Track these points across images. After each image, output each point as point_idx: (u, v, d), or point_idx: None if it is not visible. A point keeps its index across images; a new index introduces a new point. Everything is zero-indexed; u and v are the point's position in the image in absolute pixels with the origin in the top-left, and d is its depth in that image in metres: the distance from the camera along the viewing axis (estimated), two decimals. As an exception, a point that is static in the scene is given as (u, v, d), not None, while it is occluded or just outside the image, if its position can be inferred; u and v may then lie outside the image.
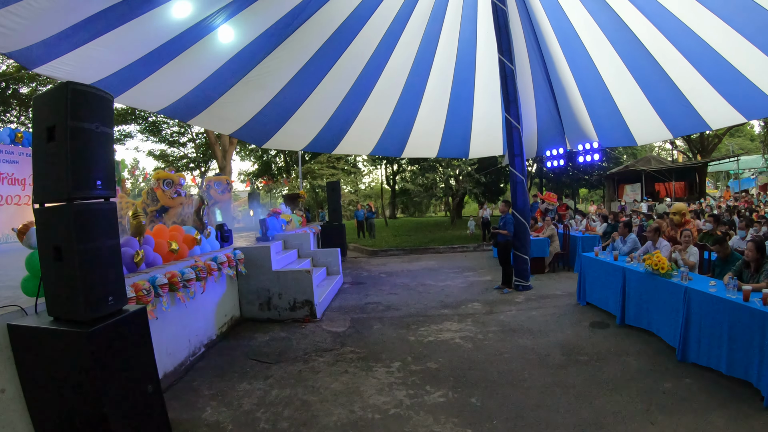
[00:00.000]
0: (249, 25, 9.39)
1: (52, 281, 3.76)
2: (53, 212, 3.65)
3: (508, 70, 10.41)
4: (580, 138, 14.21)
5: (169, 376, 6.22)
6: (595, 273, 8.35)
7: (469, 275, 12.40)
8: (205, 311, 7.70)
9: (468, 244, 19.11)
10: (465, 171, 27.62)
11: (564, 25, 10.93)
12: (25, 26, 6.65)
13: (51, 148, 3.54)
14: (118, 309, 3.93)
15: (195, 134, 39.08)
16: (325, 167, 36.39)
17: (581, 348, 6.38)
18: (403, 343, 7.09)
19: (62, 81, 4.07)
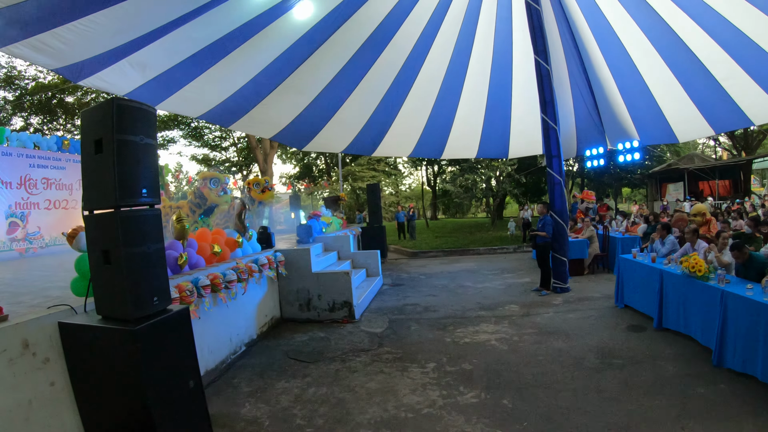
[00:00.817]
0: (286, 31, 9.60)
1: (100, 282, 4.01)
2: (102, 219, 3.89)
3: (544, 70, 10.38)
4: (620, 137, 14.02)
5: (210, 373, 6.47)
6: (633, 275, 8.28)
7: (508, 277, 12.40)
8: (246, 311, 7.93)
9: (508, 246, 19.06)
10: (505, 171, 27.41)
11: (600, 22, 10.79)
12: (72, 46, 7.02)
13: (99, 159, 3.79)
14: (162, 309, 4.14)
15: (236, 139, 39.79)
16: (366, 169, 36.61)
17: (616, 351, 6.36)
18: (440, 344, 7.18)
19: (106, 93, 4.31)
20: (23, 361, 3.88)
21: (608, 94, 12.76)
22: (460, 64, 12.67)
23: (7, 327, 3.84)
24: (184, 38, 8.37)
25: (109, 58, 7.84)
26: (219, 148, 41.65)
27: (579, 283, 10.92)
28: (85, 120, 4.00)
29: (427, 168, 45.58)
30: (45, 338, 4.09)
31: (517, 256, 16.85)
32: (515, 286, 11.14)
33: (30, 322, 4.02)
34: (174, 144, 39.61)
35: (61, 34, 6.70)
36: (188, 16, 7.88)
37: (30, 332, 3.98)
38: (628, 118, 13.21)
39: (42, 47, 6.79)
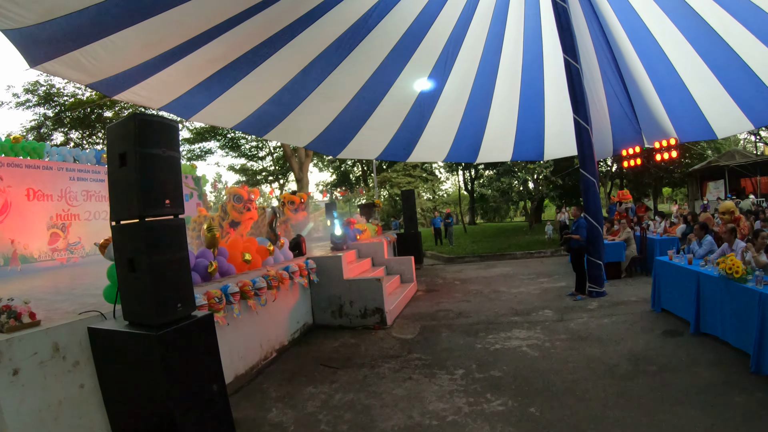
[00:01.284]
0: (316, 40, 9.68)
1: (127, 290, 4.16)
2: (127, 229, 4.04)
3: (574, 69, 10.17)
4: (657, 134, 13.67)
5: (240, 378, 6.56)
6: (669, 278, 8.05)
7: (544, 281, 12.24)
8: (278, 318, 7.99)
9: (545, 249, 18.81)
10: (542, 174, 27.07)
11: (630, 16, 10.55)
12: (103, 62, 7.24)
13: (123, 172, 3.95)
14: (186, 315, 4.24)
15: (272, 148, 40.28)
16: (402, 175, 36.60)
17: (651, 357, 6.19)
18: (470, 350, 7.12)
19: (143, 107, 4.44)
20: (54, 364, 4.07)
21: (643, 91, 12.44)
22: (491, 65, 12.56)
23: (39, 331, 4.03)
24: (215, 52, 8.53)
25: (141, 73, 8.06)
26: (256, 157, 42.24)
27: (615, 286, 10.67)
28: (110, 135, 4.16)
29: (464, 172, 45.38)
30: (75, 342, 4.28)
31: (554, 260, 16.62)
32: (550, 290, 10.97)
33: (61, 327, 4.21)
34: (211, 155, 40.31)
35: (91, 51, 6.94)
36: (217, 30, 8.03)
37: (61, 337, 4.17)
38: (665, 114, 12.86)
39: (74, 64, 7.02)
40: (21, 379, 3.81)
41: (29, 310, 4.19)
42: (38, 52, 6.64)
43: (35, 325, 4.16)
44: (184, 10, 7.11)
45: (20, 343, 3.85)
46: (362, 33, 10.22)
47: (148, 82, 8.46)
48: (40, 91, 29.09)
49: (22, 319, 4.08)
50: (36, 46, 6.47)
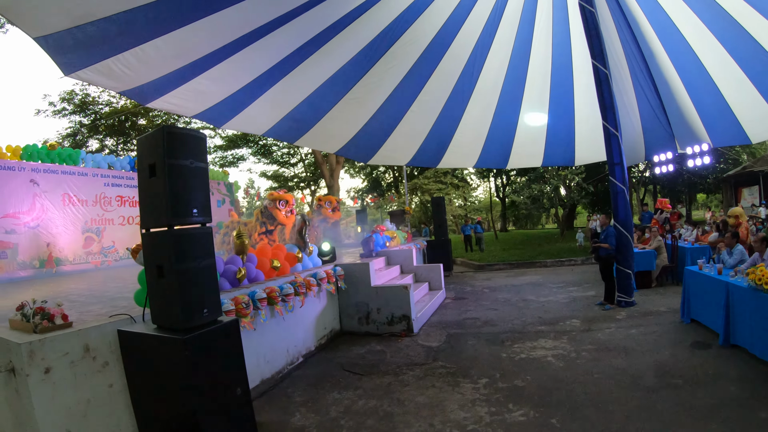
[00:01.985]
0: (344, 47, 9.81)
1: (155, 295, 4.32)
2: (156, 236, 4.21)
3: (602, 74, 10.07)
4: (690, 140, 13.39)
5: (266, 382, 6.70)
6: (698, 288, 7.92)
7: (573, 290, 12.15)
8: (305, 324, 8.11)
9: (576, 257, 18.64)
10: (573, 180, 26.77)
11: (661, 19, 10.31)
12: (135, 70, 7.46)
13: (153, 182, 4.12)
14: (212, 320, 4.37)
15: (304, 155, 40.64)
16: (432, 182, 36.58)
17: (677, 370, 6.10)
18: (495, 359, 7.12)
19: (176, 115, 4.60)
20: (84, 364, 4.27)
21: (675, 95, 12.17)
22: (520, 69, 12.51)
23: (70, 333, 4.23)
24: (245, 61, 8.73)
25: (173, 81, 8.28)
26: (288, 164, 42.66)
27: (645, 296, 10.54)
28: (140, 146, 4.34)
29: (496, 179, 45.20)
30: (105, 344, 4.47)
31: (584, 268, 16.46)
32: (579, 299, 10.90)
33: (91, 329, 4.41)
34: (244, 161, 40.89)
35: (123, 59, 7.21)
36: (248, 39, 8.20)
37: (91, 338, 4.36)
38: (698, 119, 12.54)
39: (107, 72, 7.29)
40: (52, 377, 4.00)
41: (62, 312, 4.36)
42: (71, 60, 6.89)
43: (67, 326, 4.34)
44: (212, 21, 7.31)
45: (52, 344, 4.03)
46: (391, 39, 10.31)
47: (181, 90, 8.69)
48: (76, 99, 29.97)
49: (55, 320, 4.26)
50: (68, 54, 6.72)
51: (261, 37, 8.37)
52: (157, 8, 6.57)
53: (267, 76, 9.50)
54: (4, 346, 4.14)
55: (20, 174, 12.84)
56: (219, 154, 39.02)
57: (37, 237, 13.00)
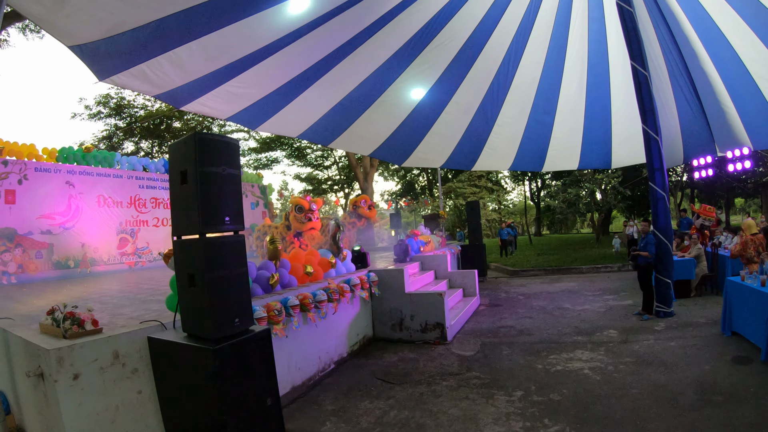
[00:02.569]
0: (379, 49, 9.77)
1: (186, 303, 4.28)
2: (188, 244, 4.16)
3: (642, 76, 9.75)
4: (730, 143, 13.03)
5: (296, 389, 6.65)
6: (740, 300, 7.60)
7: (609, 299, 11.89)
8: (337, 330, 8.05)
9: (612, 264, 18.28)
10: (609, 184, 26.26)
11: (701, 17, 10.02)
12: (169, 73, 7.55)
13: (184, 189, 4.07)
14: (244, 329, 4.32)
15: (338, 157, 40.74)
16: (467, 185, 36.38)
17: (718, 386, 5.86)
18: (530, 371, 6.96)
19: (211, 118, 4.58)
20: (113, 370, 4.26)
21: (716, 96, 11.81)
22: (554, 71, 12.31)
23: (100, 339, 4.21)
24: (279, 63, 8.74)
25: (207, 84, 8.35)
26: (321, 167, 42.85)
27: (684, 306, 10.23)
28: (171, 153, 4.31)
29: (530, 183, 44.79)
30: (135, 351, 4.46)
31: (620, 275, 16.14)
32: (616, 308, 10.64)
33: (121, 335, 4.40)
34: (278, 164, 41.16)
35: (156, 64, 7.31)
36: (281, 42, 8.22)
37: (121, 345, 4.35)
38: (739, 122, 12.22)
39: (141, 76, 7.39)
40: (81, 383, 3.99)
41: (92, 317, 4.36)
42: (105, 66, 6.99)
43: (97, 332, 4.35)
44: (245, 25, 7.34)
45: (81, 350, 4.03)
46: (425, 41, 10.23)
47: (215, 93, 8.76)
48: (111, 103, 30.57)
49: (85, 326, 4.26)
50: (102, 60, 6.83)
51: (295, 40, 8.37)
52: (189, 14, 6.60)
53: (302, 78, 9.51)
54: (34, 351, 4.16)
55: (56, 176, 13.17)
56: (253, 157, 39.39)
57: (72, 238, 13.31)
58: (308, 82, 9.76)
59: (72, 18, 5.78)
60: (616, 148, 14.61)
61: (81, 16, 5.79)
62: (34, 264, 12.40)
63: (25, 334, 4.61)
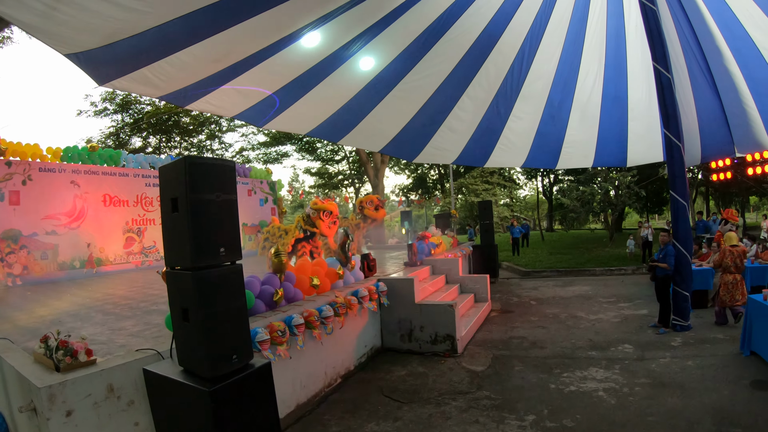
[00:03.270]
0: (389, 44, 9.52)
1: (181, 337, 4.06)
2: (181, 278, 3.91)
3: (665, 80, 9.36)
4: (750, 145, 12.57)
5: (302, 407, 6.50)
6: (762, 319, 7.27)
7: (624, 307, 11.61)
8: (345, 343, 7.87)
9: (626, 267, 18.00)
10: (624, 183, 25.80)
11: (726, 15, 9.58)
12: (171, 77, 7.36)
13: (176, 218, 3.82)
14: (243, 365, 4.10)
15: (348, 152, 40.52)
16: (479, 182, 36.07)
17: (736, 415, 5.59)
18: (543, 391, 6.73)
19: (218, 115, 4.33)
20: (108, 404, 4.09)
21: (738, 96, 11.27)
22: (570, 65, 11.88)
23: (93, 373, 4.03)
24: (286, 61, 8.52)
25: (212, 83, 8.17)
26: (332, 161, 42.67)
27: (701, 318, 9.91)
28: (162, 177, 4.06)
29: (543, 178, 44.43)
30: (130, 383, 4.28)
31: (634, 279, 15.83)
32: (631, 319, 10.37)
33: (116, 368, 4.20)
34: (288, 158, 41.04)
35: (158, 68, 7.12)
36: (288, 40, 8.00)
37: (115, 378, 4.17)
38: (760, 123, 11.67)
39: (143, 80, 7.24)
40: (74, 419, 3.82)
41: (86, 346, 4.17)
42: (105, 72, 6.82)
43: (91, 363, 4.16)
44: (250, 25, 7.11)
45: (74, 386, 3.85)
46: (437, 35, 9.91)
47: (221, 92, 8.57)
48: (118, 99, 30.44)
49: (79, 356, 4.07)
50: (101, 66, 6.65)
51: (301, 37, 8.13)
52: (191, 19, 6.37)
53: (309, 75, 9.27)
54: (26, 386, 3.99)
55: (61, 176, 13.08)
56: (262, 151, 39.29)
57: (77, 238, 13.25)
58: (317, 78, 9.52)
59: (66, 26, 5.57)
60: (633, 146, 14.19)
61: (75, 24, 5.57)
62: (40, 265, 12.30)
63: (19, 362, 4.44)
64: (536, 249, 26.27)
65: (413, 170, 45.14)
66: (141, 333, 6.01)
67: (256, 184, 20.36)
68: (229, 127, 36.55)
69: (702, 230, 16.85)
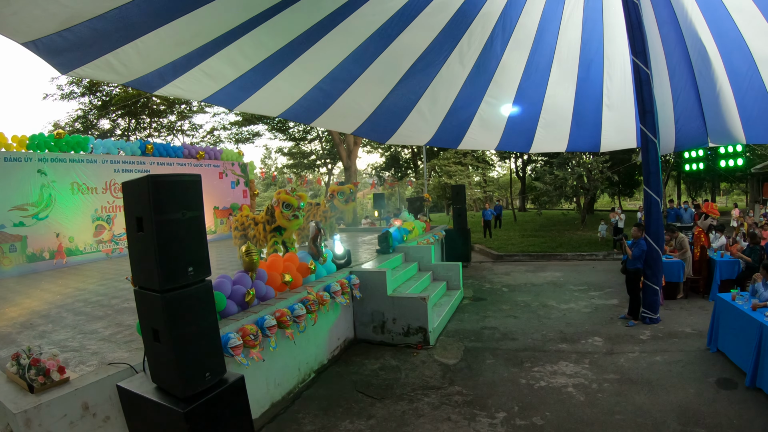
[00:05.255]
0: (359, 26, 9.42)
1: (153, 356, 4.02)
2: (149, 298, 3.85)
3: (644, 74, 9.27)
4: (724, 138, 12.72)
5: (276, 405, 6.53)
6: (729, 319, 7.41)
7: (595, 296, 11.77)
8: (317, 338, 7.88)
9: (597, 252, 18.21)
10: (597, 168, 26.00)
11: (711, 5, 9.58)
12: (137, 62, 7.19)
13: (141, 238, 3.75)
14: (215, 382, 4.09)
15: (321, 132, 40.25)
16: (452, 163, 36.07)
17: (701, 415, 5.72)
18: (513, 386, 6.83)
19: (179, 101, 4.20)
20: (84, 422, 4.05)
21: (716, 87, 11.35)
22: (546, 44, 11.71)
23: (67, 394, 3.98)
24: (255, 42, 8.37)
25: (179, 67, 8.00)
26: (304, 140, 42.34)
27: (671, 310, 10.09)
28: (126, 193, 3.95)
29: (516, 159, 44.67)
30: (105, 399, 4.24)
31: (605, 266, 16.05)
32: (602, 309, 10.53)
33: (89, 386, 4.15)
34: (260, 137, 40.63)
35: (122, 53, 6.93)
36: (257, 20, 7.84)
37: (90, 395, 4.12)
38: (736, 114, 11.78)
39: (107, 67, 7.05)
40: (51, 441, 3.77)
41: (58, 363, 4.11)
42: (66, 59, 6.62)
43: (64, 382, 4.11)
44: (215, 7, 6.94)
45: (49, 409, 3.81)
46: (411, 15, 9.74)
47: (188, 75, 8.36)
48: (85, 82, 29.75)
49: (51, 375, 4.02)
50: (62, 54, 6.44)
51: (271, 17, 7.93)
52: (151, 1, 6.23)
53: (279, 56, 9.08)
54: (1, 409, 3.93)
55: (27, 165, 12.76)
56: (234, 131, 38.85)
57: (46, 228, 13.02)
58: (289, 59, 9.33)
59: (20, 15, 5.36)
60: (606, 132, 14.23)
61: (31, 10, 5.38)
62: (9, 258, 12.05)
63: (-8, 380, 4.37)
64: (509, 230, 26.47)
65: (386, 149, 45.03)
66: (113, 337, 5.95)
67: (228, 167, 20.15)
68: (199, 107, 35.99)
69: (673, 218, 17.06)
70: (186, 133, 37.32)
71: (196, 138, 37.78)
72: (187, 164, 18.03)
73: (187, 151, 18.29)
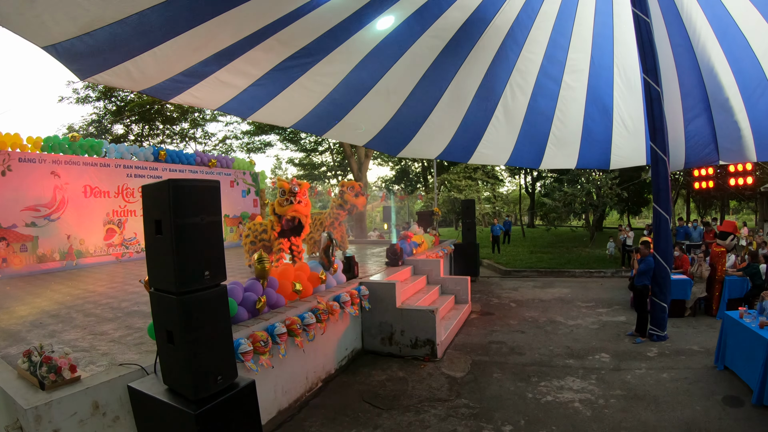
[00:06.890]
0: (372, 37, 9.51)
1: (165, 357, 4.07)
2: (165, 300, 3.90)
3: (654, 92, 9.26)
4: (735, 156, 12.61)
5: (283, 413, 6.54)
6: (737, 337, 7.40)
7: (603, 313, 11.74)
8: (326, 347, 7.92)
9: (606, 269, 18.16)
10: (606, 185, 25.93)
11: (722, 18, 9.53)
12: (154, 69, 7.32)
13: (159, 241, 3.81)
14: (227, 385, 4.13)
15: (332, 143, 40.33)
16: (462, 177, 36.07)
17: None
18: (520, 400, 6.83)
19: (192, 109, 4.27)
20: (93, 421, 4.08)
21: (728, 105, 11.23)
22: (556, 63, 11.87)
23: (78, 392, 4.01)
24: (270, 50, 8.46)
25: (194, 76, 8.14)
26: (315, 151, 42.44)
27: (678, 328, 10.06)
28: (145, 197, 4.02)
29: (526, 175, 44.66)
30: (115, 399, 4.28)
31: (613, 283, 15.97)
32: (609, 326, 10.51)
33: (100, 385, 4.20)
34: (271, 147, 40.75)
35: (140, 61, 7.08)
36: (272, 29, 7.95)
37: (100, 395, 4.17)
38: (749, 131, 11.59)
39: (125, 74, 7.18)
40: (60, 438, 3.82)
41: (69, 362, 4.16)
42: (85, 65, 6.76)
43: (75, 380, 4.16)
44: (232, 15, 7.06)
45: (59, 405, 3.85)
46: (421, 27, 9.88)
47: (204, 84, 8.51)
48: (100, 86, 30.04)
49: (63, 373, 4.07)
50: (81, 59, 6.57)
51: (284, 27, 8.05)
52: (170, 7, 6.30)
53: (294, 66, 9.22)
54: (11, 405, 3.98)
55: (41, 166, 12.94)
56: (246, 140, 39.00)
57: (57, 229, 13.16)
58: (302, 69, 9.45)
59: (43, 18, 5.47)
60: (616, 149, 14.23)
61: (53, 14, 5.49)
62: (19, 258, 12.20)
63: (3, 378, 4.43)
64: (517, 246, 26.43)
65: (397, 162, 45.08)
66: (123, 339, 6.01)
67: (239, 175, 20.31)
68: (212, 115, 36.20)
69: (682, 236, 16.95)
70: (198, 141, 37.52)
71: (208, 146, 37.95)
72: (199, 171, 18.21)
73: (199, 159, 18.48)
